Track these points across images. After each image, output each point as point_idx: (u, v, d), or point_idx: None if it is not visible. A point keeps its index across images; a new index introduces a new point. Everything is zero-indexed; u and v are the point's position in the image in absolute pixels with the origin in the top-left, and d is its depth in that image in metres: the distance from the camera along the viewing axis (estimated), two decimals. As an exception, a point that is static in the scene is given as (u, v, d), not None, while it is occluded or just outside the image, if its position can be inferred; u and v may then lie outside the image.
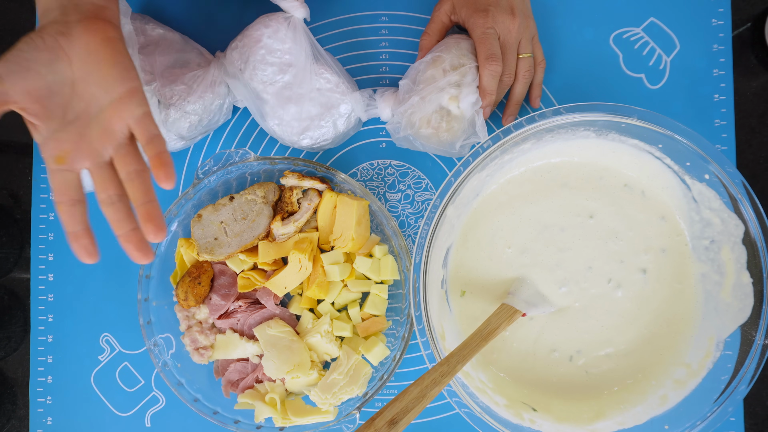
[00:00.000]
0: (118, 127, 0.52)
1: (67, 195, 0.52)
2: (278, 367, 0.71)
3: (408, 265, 0.72)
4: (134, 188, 0.53)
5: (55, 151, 0.51)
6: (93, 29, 0.51)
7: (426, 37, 0.72)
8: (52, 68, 0.50)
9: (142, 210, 0.53)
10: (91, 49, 0.51)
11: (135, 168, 0.53)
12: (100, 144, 0.52)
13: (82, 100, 0.51)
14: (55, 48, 0.50)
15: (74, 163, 0.52)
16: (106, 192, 0.53)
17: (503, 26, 0.67)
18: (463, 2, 0.69)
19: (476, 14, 0.67)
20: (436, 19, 0.71)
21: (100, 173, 0.53)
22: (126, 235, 0.53)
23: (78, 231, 0.53)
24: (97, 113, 0.52)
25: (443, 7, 0.70)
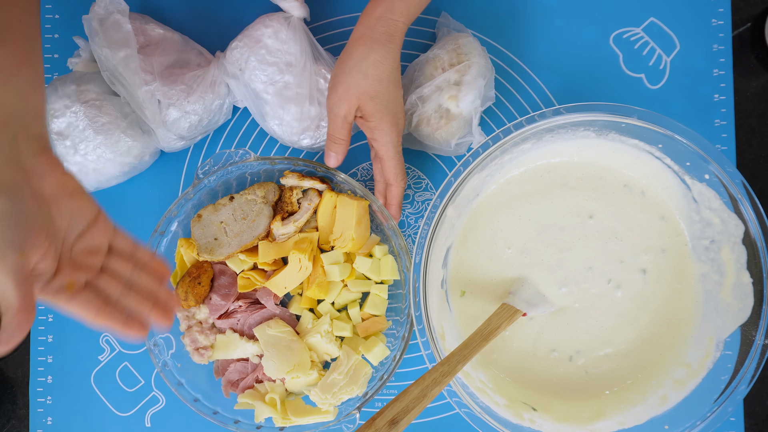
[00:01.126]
0: (99, 242, 0.51)
1: (94, 307, 0.50)
2: (278, 367, 0.71)
3: (408, 265, 0.72)
4: (146, 278, 0.54)
5: (63, 282, 0.49)
6: (52, 163, 0.48)
7: (341, 144, 0.68)
8: (40, 212, 0.46)
9: (160, 293, 0.54)
10: (60, 183, 0.48)
11: (134, 266, 0.53)
12: (90, 260, 0.51)
13: (60, 233, 0.49)
14: (35, 192, 0.46)
15: (79, 284, 0.51)
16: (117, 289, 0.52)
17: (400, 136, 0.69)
18: (373, 110, 0.65)
19: (390, 129, 0.66)
20: (344, 123, 0.66)
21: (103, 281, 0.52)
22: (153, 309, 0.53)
23: (123, 319, 0.51)
24: (74, 240, 0.50)
25: (341, 111, 0.65)
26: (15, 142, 0.46)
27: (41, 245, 0.46)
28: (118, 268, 0.53)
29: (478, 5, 0.78)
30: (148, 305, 0.53)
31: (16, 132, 0.46)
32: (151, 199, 0.79)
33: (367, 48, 0.63)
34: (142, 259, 0.54)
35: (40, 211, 0.46)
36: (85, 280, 0.50)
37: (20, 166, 0.46)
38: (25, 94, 0.48)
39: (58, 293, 0.48)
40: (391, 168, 0.68)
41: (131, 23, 0.69)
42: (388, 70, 0.64)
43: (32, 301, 0.45)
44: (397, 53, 0.64)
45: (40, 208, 0.46)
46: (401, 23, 0.63)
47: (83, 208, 0.50)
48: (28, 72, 0.49)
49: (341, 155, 0.69)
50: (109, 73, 0.68)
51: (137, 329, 0.52)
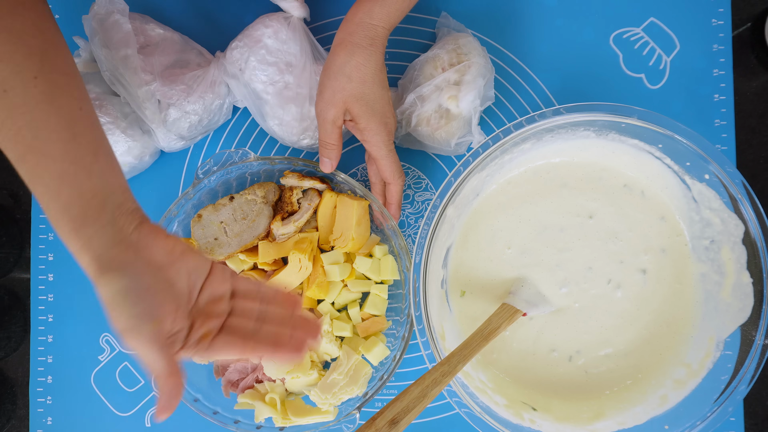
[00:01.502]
0: (221, 291, 0.53)
1: (238, 345, 0.51)
2: (278, 367, 0.71)
3: (408, 265, 0.72)
4: (277, 306, 0.54)
5: (199, 334, 0.51)
6: (155, 232, 0.50)
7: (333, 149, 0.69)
8: (159, 280, 0.49)
9: (295, 319, 0.54)
10: (168, 248, 0.50)
11: (261, 300, 0.54)
12: (217, 308, 0.52)
13: (183, 292, 0.51)
14: (149, 263, 0.48)
15: (214, 330, 0.52)
16: (251, 323, 0.53)
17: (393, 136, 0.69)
18: (360, 111, 0.65)
19: (379, 129, 0.66)
20: (333, 127, 0.67)
21: (235, 320, 0.53)
22: (293, 332, 0.53)
23: (270, 344, 0.52)
24: (198, 295, 0.52)
25: (329, 115, 0.66)
26: (116, 223, 0.48)
27: (170, 310, 0.48)
28: (246, 306, 0.53)
29: (478, 5, 0.78)
30: (287, 330, 0.53)
31: (113, 213, 0.49)
32: (151, 199, 0.79)
33: (349, 52, 0.64)
34: (268, 294, 0.55)
35: (158, 279, 0.48)
36: (219, 327, 0.52)
37: (128, 244, 0.48)
38: (108, 176, 0.50)
39: (198, 345, 0.50)
40: (386, 167, 0.68)
41: (131, 23, 0.69)
42: (372, 72, 0.64)
43: (178, 365, 0.48)
44: (380, 56, 0.65)
45: (158, 276, 0.48)
46: (381, 28, 0.64)
47: (197, 264, 0.52)
48: (104, 156, 0.51)
49: (335, 160, 0.69)
50: (109, 73, 0.68)
51: (289, 349, 0.52)
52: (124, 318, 0.46)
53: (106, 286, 0.46)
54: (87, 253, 0.47)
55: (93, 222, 0.48)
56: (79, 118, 0.50)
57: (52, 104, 0.49)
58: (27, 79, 0.48)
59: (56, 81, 0.50)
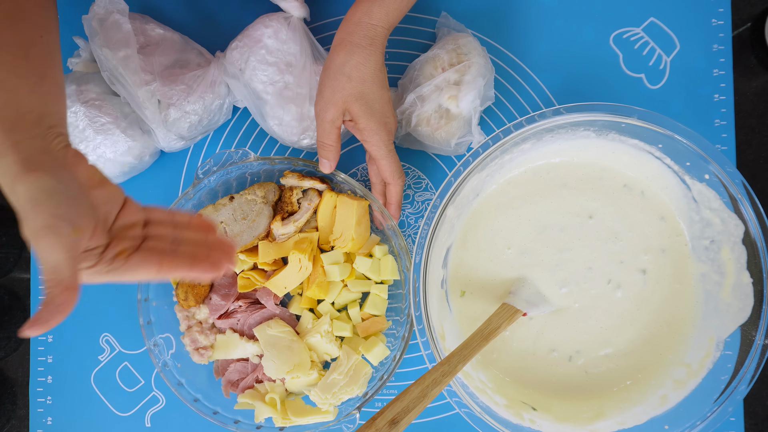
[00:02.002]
0: (136, 219, 0.52)
1: (154, 262, 0.51)
2: (278, 367, 0.71)
3: (408, 265, 0.72)
4: (191, 231, 0.54)
5: (114, 251, 0.50)
6: (78, 156, 0.50)
7: (331, 149, 0.68)
8: (83, 194, 0.48)
9: (212, 239, 0.54)
10: (89, 174, 0.50)
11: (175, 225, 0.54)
12: (132, 233, 0.52)
13: (99, 213, 0.50)
14: (73, 177, 0.48)
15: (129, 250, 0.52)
16: (167, 245, 0.52)
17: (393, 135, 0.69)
18: (359, 111, 0.65)
19: (379, 129, 0.66)
20: (331, 127, 0.67)
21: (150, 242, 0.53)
22: (210, 250, 0.53)
23: (187, 262, 0.52)
24: (113, 221, 0.51)
25: (328, 115, 0.66)
26: (46, 137, 0.49)
27: (90, 224, 0.47)
28: (160, 231, 0.53)
29: (478, 5, 0.78)
30: (203, 250, 0.53)
31: (44, 130, 0.49)
32: (151, 199, 0.79)
33: (348, 52, 0.64)
34: (182, 220, 0.54)
35: (82, 194, 0.48)
36: (134, 248, 0.51)
37: (55, 154, 0.49)
38: (48, 100, 0.52)
39: (112, 262, 0.49)
40: (386, 167, 0.68)
41: (131, 23, 0.69)
42: (371, 72, 0.64)
43: (78, 282, 0.46)
44: (380, 55, 0.65)
45: (82, 192, 0.48)
46: (380, 28, 0.64)
47: (114, 194, 0.51)
48: (50, 82, 0.53)
49: (333, 161, 0.69)
50: (109, 73, 0.68)
51: (205, 266, 0.52)
52: (45, 216, 0.44)
53: (32, 184, 0.45)
54: (13, 153, 0.47)
55: (24, 130, 0.48)
56: (36, 43, 0.53)
57: (12, 22, 0.52)
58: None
59: (23, 5, 0.53)
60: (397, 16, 0.65)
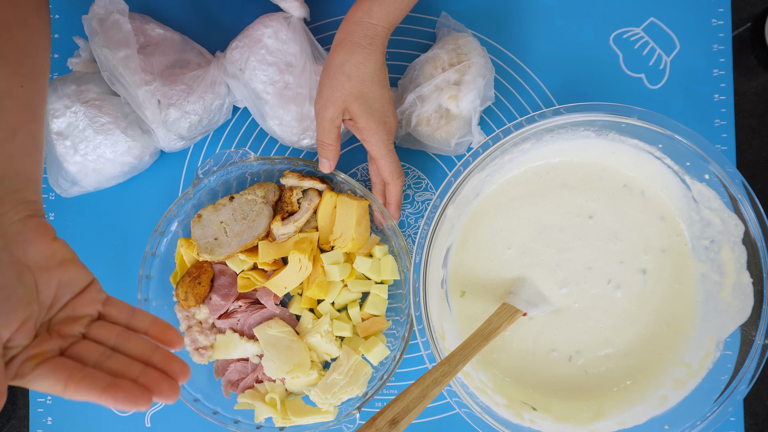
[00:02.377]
0: (85, 312, 0.46)
1: (64, 375, 0.42)
2: (278, 367, 0.71)
3: (408, 265, 0.72)
4: (135, 342, 0.45)
5: (30, 353, 0.42)
6: (40, 230, 0.45)
7: (330, 149, 0.68)
8: (21, 284, 0.42)
9: (158, 356, 0.45)
10: (49, 253, 0.45)
11: (122, 330, 0.46)
12: (70, 329, 0.45)
13: (43, 305, 0.44)
14: (16, 262, 0.43)
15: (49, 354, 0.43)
16: (96, 354, 0.44)
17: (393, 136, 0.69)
18: (359, 110, 0.65)
19: (378, 128, 0.66)
20: (331, 126, 0.66)
21: (80, 346, 0.45)
22: (142, 373, 0.44)
23: (103, 384, 0.42)
24: (57, 310, 0.45)
25: (328, 114, 0.65)
26: (1, 207, 0.44)
27: (16, 319, 0.41)
28: (100, 334, 0.45)
29: (478, 5, 0.78)
30: (136, 368, 0.43)
31: (3, 196, 0.44)
32: (151, 199, 0.79)
33: (348, 51, 0.64)
34: (141, 324, 0.47)
35: (20, 282, 0.42)
36: (60, 349, 0.44)
37: (3, 231, 0.43)
38: (17, 159, 0.47)
39: (21, 366, 0.42)
40: (386, 167, 0.68)
41: (131, 23, 0.69)
42: (371, 71, 0.64)
43: (2, 384, 0.40)
44: (380, 55, 0.65)
45: (21, 279, 0.43)
46: (381, 27, 0.64)
47: (74, 278, 0.46)
48: (22, 137, 0.48)
49: (333, 160, 0.69)
50: (109, 73, 0.68)
51: (127, 393, 0.41)
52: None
53: None
54: None
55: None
56: (14, 95, 0.48)
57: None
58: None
59: (6, 54, 0.48)
60: (398, 16, 0.65)
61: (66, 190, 0.73)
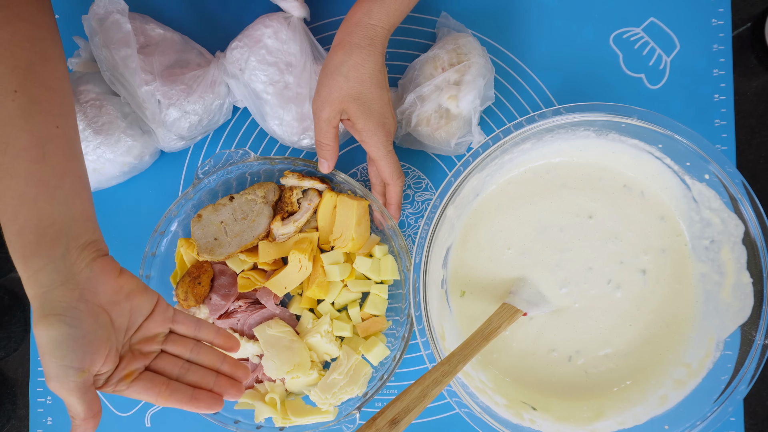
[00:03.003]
0: (158, 331, 0.54)
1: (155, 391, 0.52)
2: (278, 367, 0.71)
3: (408, 265, 0.72)
4: (206, 354, 0.56)
5: (122, 374, 0.51)
6: (107, 269, 0.50)
7: (328, 149, 0.68)
8: (99, 326, 0.49)
9: (226, 366, 0.57)
10: (116, 288, 0.50)
11: (194, 343, 0.56)
12: (149, 348, 0.54)
13: (120, 331, 0.51)
14: (92, 307, 0.49)
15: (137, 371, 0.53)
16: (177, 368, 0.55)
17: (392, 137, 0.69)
18: (357, 111, 0.65)
19: (377, 130, 0.66)
20: (328, 126, 0.66)
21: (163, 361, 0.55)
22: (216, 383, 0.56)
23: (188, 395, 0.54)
24: (134, 333, 0.53)
25: (324, 114, 0.65)
26: (67, 258, 0.48)
27: (102, 356, 0.48)
28: (177, 349, 0.55)
29: (478, 5, 0.78)
30: (210, 378, 0.55)
31: (67, 246, 0.48)
32: (151, 199, 0.79)
33: (347, 52, 0.64)
34: (206, 336, 0.56)
35: (98, 325, 0.49)
36: (146, 366, 0.53)
37: (75, 283, 0.48)
38: (71, 202, 0.49)
39: (117, 385, 0.51)
40: (385, 168, 0.68)
41: (131, 23, 0.69)
42: (369, 72, 0.64)
43: (97, 407, 0.49)
44: (379, 56, 0.65)
45: (98, 321, 0.49)
46: (380, 28, 0.64)
47: (142, 303, 0.52)
48: (71, 180, 0.50)
49: (331, 160, 0.69)
50: (109, 73, 0.68)
51: (207, 403, 0.54)
52: (53, 366, 0.47)
53: (43, 332, 0.47)
54: (33, 287, 0.48)
55: (45, 253, 0.47)
56: (53, 137, 0.49)
57: (27, 121, 0.48)
58: (6, 93, 0.47)
59: (37, 96, 0.49)
60: (398, 17, 0.65)
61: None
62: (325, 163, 0.69)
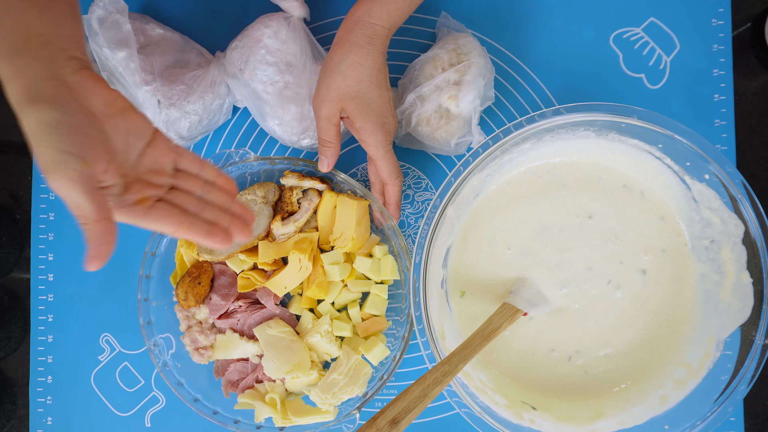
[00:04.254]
0: (165, 162, 0.51)
1: (175, 219, 0.50)
2: (278, 367, 0.71)
3: (408, 265, 0.72)
4: (217, 194, 0.54)
5: (135, 197, 0.48)
6: (95, 80, 0.48)
7: (329, 146, 0.68)
8: (94, 127, 0.45)
9: (236, 207, 0.54)
10: (109, 100, 0.47)
11: (203, 182, 0.53)
12: (158, 180, 0.51)
13: (119, 151, 0.48)
14: (83, 108, 0.45)
15: (153, 199, 0.50)
16: (193, 205, 0.52)
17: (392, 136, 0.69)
18: (356, 110, 0.65)
19: (376, 129, 0.66)
20: (328, 124, 0.66)
21: (178, 196, 0.52)
22: (231, 222, 0.53)
23: (205, 228, 0.51)
24: (137, 158, 0.50)
25: (323, 112, 0.66)
26: (54, 61, 0.46)
27: (101, 158, 0.44)
28: (188, 186, 0.52)
29: (478, 5, 0.78)
30: (226, 218, 0.53)
31: (54, 53, 0.46)
32: (151, 199, 0.79)
33: (345, 51, 0.64)
34: (210, 176, 0.54)
35: (92, 125, 0.45)
36: (158, 198, 0.50)
37: (62, 80, 0.45)
38: (60, 22, 0.48)
39: (133, 208, 0.47)
40: (384, 168, 0.68)
41: (131, 23, 0.69)
42: (368, 71, 0.64)
43: (108, 210, 0.44)
44: (379, 55, 0.64)
45: (92, 122, 0.45)
46: (381, 27, 0.64)
47: (138, 125, 0.49)
48: (61, 3, 0.49)
49: (332, 158, 0.69)
50: (109, 73, 0.68)
51: (221, 238, 0.51)
52: (50, 152, 0.42)
53: (32, 116, 0.43)
54: (17, 80, 0.45)
55: (30, 53, 0.45)
56: None
57: None
58: None
59: None
60: (400, 17, 0.65)
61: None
62: (325, 161, 0.69)
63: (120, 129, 0.47)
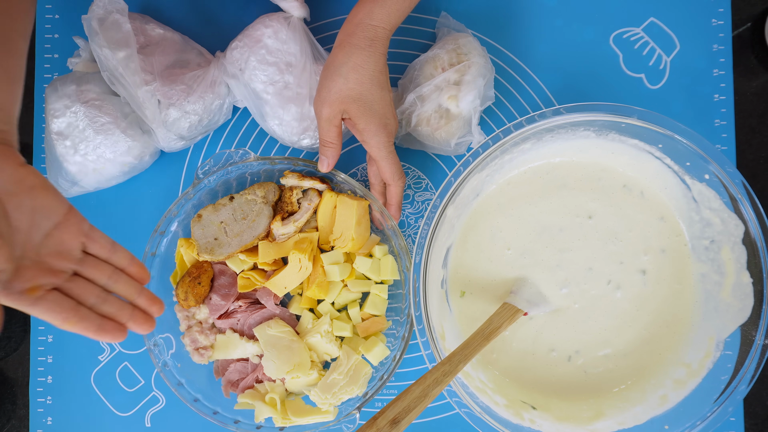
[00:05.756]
0: (72, 245, 0.49)
1: (61, 313, 0.47)
2: (278, 367, 0.71)
3: (408, 265, 0.72)
4: (124, 284, 0.52)
5: (25, 285, 0.45)
6: (6, 155, 0.46)
7: (330, 146, 0.68)
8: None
9: (143, 299, 0.52)
10: (16, 178, 0.45)
11: (112, 270, 0.51)
12: (60, 264, 0.48)
13: (21, 231, 0.45)
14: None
15: (44, 288, 0.48)
16: (93, 296, 0.50)
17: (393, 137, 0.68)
18: (358, 112, 0.65)
19: (378, 130, 0.65)
20: (329, 126, 0.66)
21: (77, 285, 0.50)
22: (131, 317, 0.51)
23: (96, 324, 0.49)
24: (41, 240, 0.47)
25: (324, 113, 0.66)
26: None
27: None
28: (92, 273, 0.50)
29: (478, 5, 0.78)
30: (126, 312, 0.51)
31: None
32: (151, 199, 0.79)
33: (347, 53, 0.64)
34: (121, 262, 0.52)
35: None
36: (53, 286, 0.47)
37: None
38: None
39: (20, 296, 0.45)
40: (386, 168, 0.68)
41: (131, 23, 0.69)
42: (370, 73, 0.64)
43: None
44: (380, 57, 0.65)
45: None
46: (381, 29, 0.64)
47: (48, 205, 0.47)
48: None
49: (332, 158, 0.69)
50: (109, 73, 0.68)
51: (113, 335, 0.49)
52: None
53: None
54: None
55: None
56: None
57: None
58: None
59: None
60: (399, 17, 0.65)
61: (66, 190, 0.73)
62: (326, 161, 0.69)
63: (25, 208, 0.45)
